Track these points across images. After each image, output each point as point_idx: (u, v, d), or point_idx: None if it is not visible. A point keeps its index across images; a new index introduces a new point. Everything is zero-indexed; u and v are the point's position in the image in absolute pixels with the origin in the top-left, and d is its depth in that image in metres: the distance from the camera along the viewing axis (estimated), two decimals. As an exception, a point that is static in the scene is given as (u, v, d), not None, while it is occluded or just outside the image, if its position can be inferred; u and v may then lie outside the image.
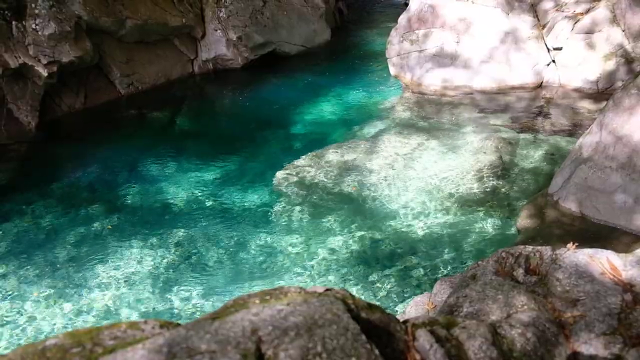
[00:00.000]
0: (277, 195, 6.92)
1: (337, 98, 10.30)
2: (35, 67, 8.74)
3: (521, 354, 1.96)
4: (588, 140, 5.77)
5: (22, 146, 8.59)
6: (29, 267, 5.74)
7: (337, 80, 11.12)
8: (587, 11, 8.86)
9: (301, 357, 1.39)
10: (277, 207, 6.63)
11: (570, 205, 5.68)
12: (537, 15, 9.35)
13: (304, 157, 7.72)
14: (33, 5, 8.81)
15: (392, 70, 10.35)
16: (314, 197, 6.75)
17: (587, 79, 8.80)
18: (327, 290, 1.78)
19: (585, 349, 2.15)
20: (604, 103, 6.25)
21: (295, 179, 7.15)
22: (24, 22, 8.73)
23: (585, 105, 8.64)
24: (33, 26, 8.76)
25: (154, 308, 5.13)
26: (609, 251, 2.76)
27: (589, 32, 8.70)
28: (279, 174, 7.29)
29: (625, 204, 5.27)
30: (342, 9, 15.71)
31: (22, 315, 5.10)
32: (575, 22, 8.82)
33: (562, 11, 9.07)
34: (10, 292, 5.39)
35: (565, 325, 2.28)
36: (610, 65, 8.58)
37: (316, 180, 7.08)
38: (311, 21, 13.08)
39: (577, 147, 5.98)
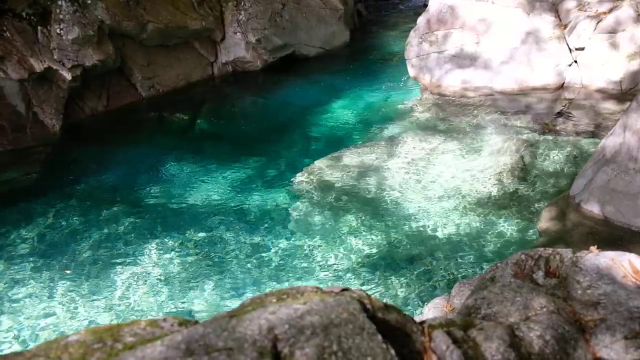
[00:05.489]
0: (296, 196, 6.95)
1: (355, 100, 10.30)
2: (60, 71, 8.93)
3: (539, 356, 1.94)
4: (611, 142, 5.67)
5: (46, 148, 8.78)
6: (52, 265, 5.86)
7: (356, 82, 11.12)
8: (610, 10, 8.70)
9: (317, 356, 1.40)
10: (296, 209, 6.65)
11: (593, 207, 5.58)
12: (558, 15, 9.22)
13: (323, 158, 7.73)
14: (58, 10, 9.01)
15: (411, 72, 10.31)
16: (333, 198, 6.76)
17: (610, 79, 8.64)
18: (343, 290, 1.79)
19: (605, 353, 2.12)
20: (628, 104, 6.13)
21: (315, 180, 7.17)
22: (49, 27, 8.93)
23: (608, 106, 8.49)
24: (58, 31, 8.95)
25: (173, 306, 5.19)
26: (632, 254, 2.70)
27: (612, 31, 8.55)
28: (298, 176, 7.32)
29: (650, 206, 5.16)
30: (361, 10, 15.70)
31: (45, 312, 5.21)
32: (598, 22, 8.67)
33: (585, 10, 8.93)
34: (33, 290, 5.51)
35: (586, 329, 2.24)
36: (635, 65, 8.41)
37: (335, 182, 7.09)
38: (330, 23, 13.11)
39: (600, 148, 5.88)
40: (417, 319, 1.96)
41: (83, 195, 7.36)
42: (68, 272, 5.74)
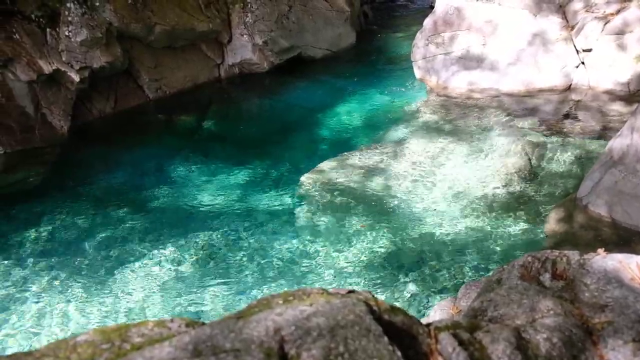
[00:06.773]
0: (302, 198, 6.96)
1: (362, 101, 10.30)
2: (68, 73, 8.99)
3: (546, 359, 1.93)
4: (618, 144, 5.64)
5: (55, 149, 8.83)
6: (60, 266, 5.90)
7: (362, 84, 11.12)
8: (618, 11, 8.66)
9: (323, 357, 1.40)
10: (302, 210, 6.66)
11: (600, 209, 5.56)
12: (565, 17, 9.19)
13: (329, 160, 7.74)
14: (66, 12, 9.07)
15: (418, 74, 10.30)
16: (339, 200, 6.76)
17: (617, 81, 8.60)
18: (349, 292, 1.79)
19: (613, 356, 2.11)
20: (636, 105, 6.10)
21: (321, 182, 7.17)
22: (57, 29, 9.00)
23: (616, 107, 8.44)
24: (66, 33, 9.02)
25: (180, 307, 5.21)
26: (639, 256, 2.69)
27: (620, 32, 8.51)
28: (304, 178, 7.32)
29: (658, 208, 5.13)
30: (367, 12, 15.70)
31: (54, 312, 5.24)
32: (606, 23, 8.64)
33: (592, 12, 8.89)
34: (42, 291, 5.54)
35: (593, 332, 2.23)
36: (643, 66, 8.37)
37: (341, 184, 7.09)
38: (336, 25, 13.11)
39: (607, 150, 5.85)
40: (424, 321, 1.96)
41: (91, 196, 7.40)
42: (75, 271, 5.77)
